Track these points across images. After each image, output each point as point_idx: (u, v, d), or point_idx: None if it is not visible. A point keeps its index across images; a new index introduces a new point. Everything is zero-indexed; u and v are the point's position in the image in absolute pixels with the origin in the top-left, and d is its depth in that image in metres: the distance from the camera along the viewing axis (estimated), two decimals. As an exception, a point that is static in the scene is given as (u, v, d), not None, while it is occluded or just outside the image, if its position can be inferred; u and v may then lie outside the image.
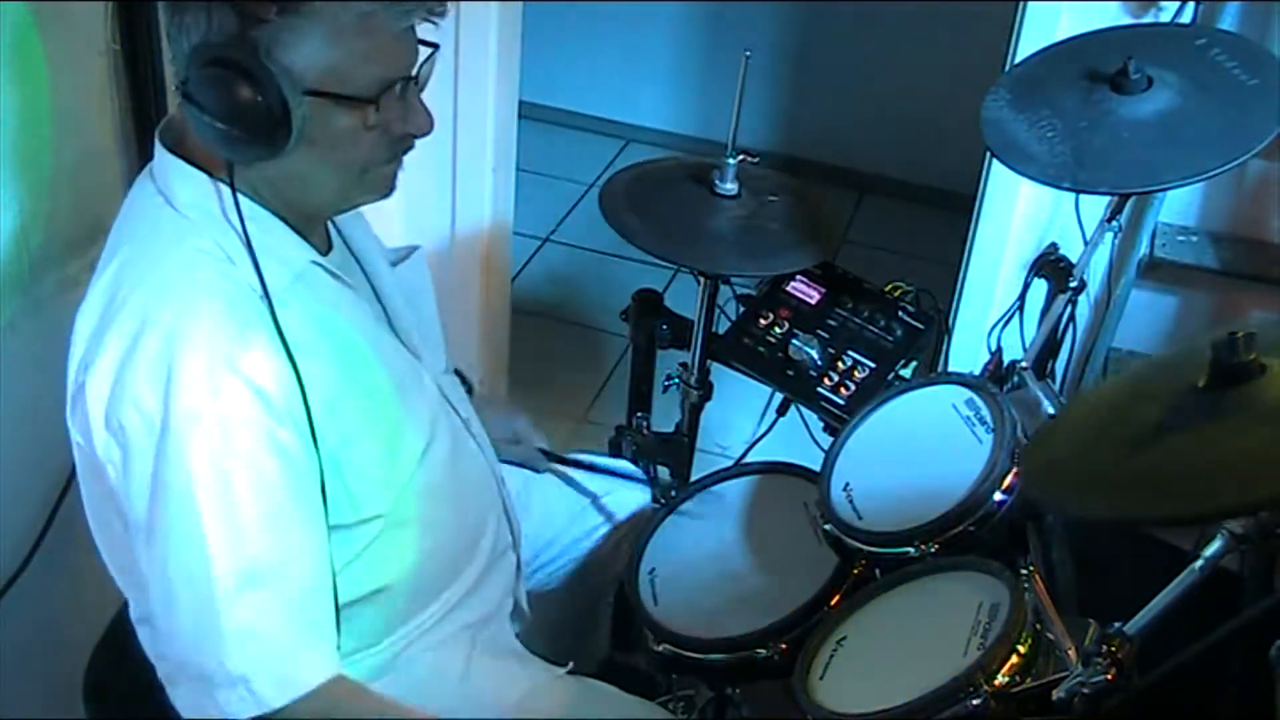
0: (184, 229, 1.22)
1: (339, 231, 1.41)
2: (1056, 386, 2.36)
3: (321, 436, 1.23)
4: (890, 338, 1.97)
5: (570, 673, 1.57)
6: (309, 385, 1.21)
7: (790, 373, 1.96)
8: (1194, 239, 2.43)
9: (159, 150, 1.26)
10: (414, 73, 1.24)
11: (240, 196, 1.22)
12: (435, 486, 1.40)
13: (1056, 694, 1.27)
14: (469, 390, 1.66)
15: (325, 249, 1.36)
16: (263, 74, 1.13)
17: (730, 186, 1.89)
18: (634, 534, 1.89)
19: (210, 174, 1.23)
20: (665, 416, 2.17)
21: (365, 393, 1.31)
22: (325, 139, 1.20)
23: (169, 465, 1.17)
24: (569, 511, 1.81)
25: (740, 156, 1.89)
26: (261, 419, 1.19)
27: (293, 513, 1.22)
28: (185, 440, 1.16)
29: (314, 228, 1.33)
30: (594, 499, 1.85)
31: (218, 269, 1.21)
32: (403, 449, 1.35)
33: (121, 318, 1.19)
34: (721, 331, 2.05)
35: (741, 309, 2.05)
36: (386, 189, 1.31)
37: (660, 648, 1.65)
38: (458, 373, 1.66)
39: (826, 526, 1.63)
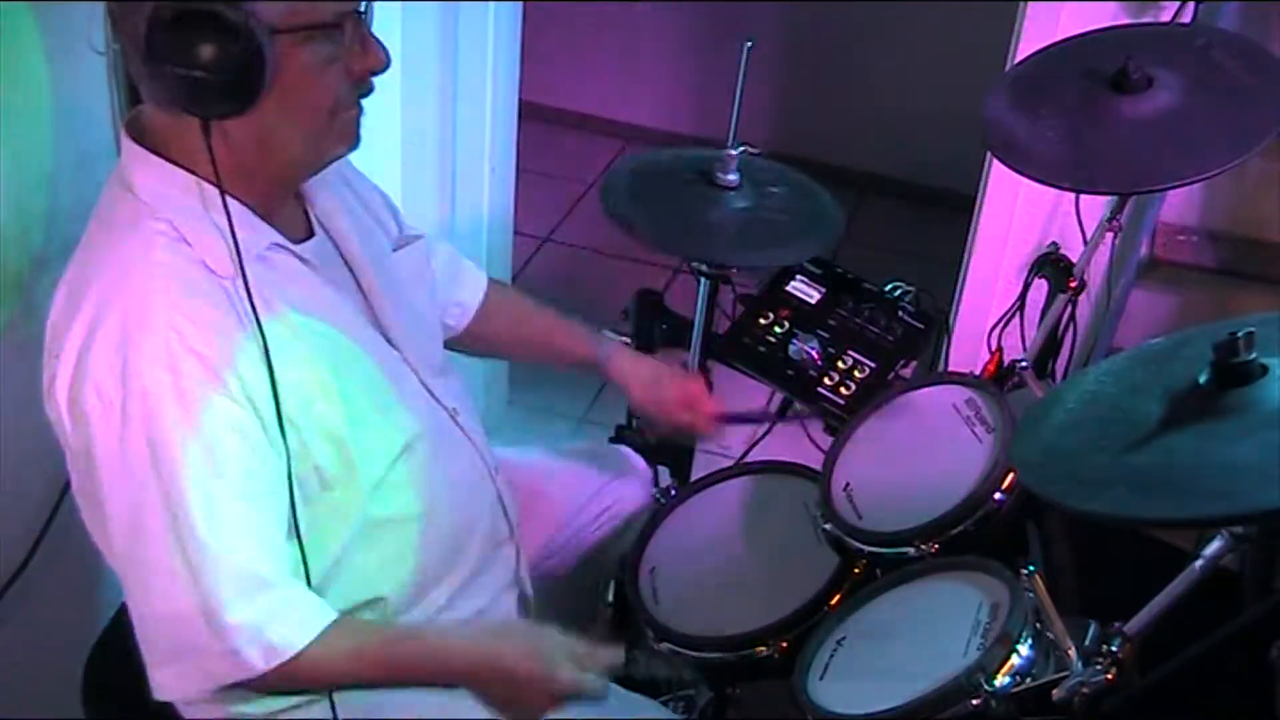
0: (141, 213, 1.23)
1: (319, 222, 1.41)
2: (1056, 386, 2.36)
3: (286, 418, 1.24)
4: (890, 338, 1.96)
5: None
6: (266, 369, 1.21)
7: (790, 373, 1.96)
8: (1194, 239, 2.43)
9: (124, 142, 1.27)
10: (363, 6, 1.25)
11: (198, 180, 1.24)
12: (419, 482, 1.40)
13: (1056, 694, 1.27)
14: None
15: (301, 235, 1.36)
16: (236, 16, 1.13)
17: (732, 178, 1.89)
18: (636, 525, 1.89)
19: (170, 161, 1.24)
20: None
21: (334, 382, 1.30)
22: (292, 82, 1.19)
23: (132, 447, 1.18)
24: (573, 501, 1.81)
25: (741, 147, 1.89)
26: (219, 397, 1.20)
27: (252, 489, 1.23)
28: (146, 420, 1.17)
29: (279, 208, 1.33)
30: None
31: (173, 250, 1.22)
32: (376, 443, 1.35)
33: (83, 305, 1.20)
34: (721, 331, 2.05)
35: (741, 309, 2.05)
36: (353, 138, 1.30)
37: (660, 646, 1.65)
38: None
39: (826, 526, 1.63)
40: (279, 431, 1.23)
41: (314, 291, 1.33)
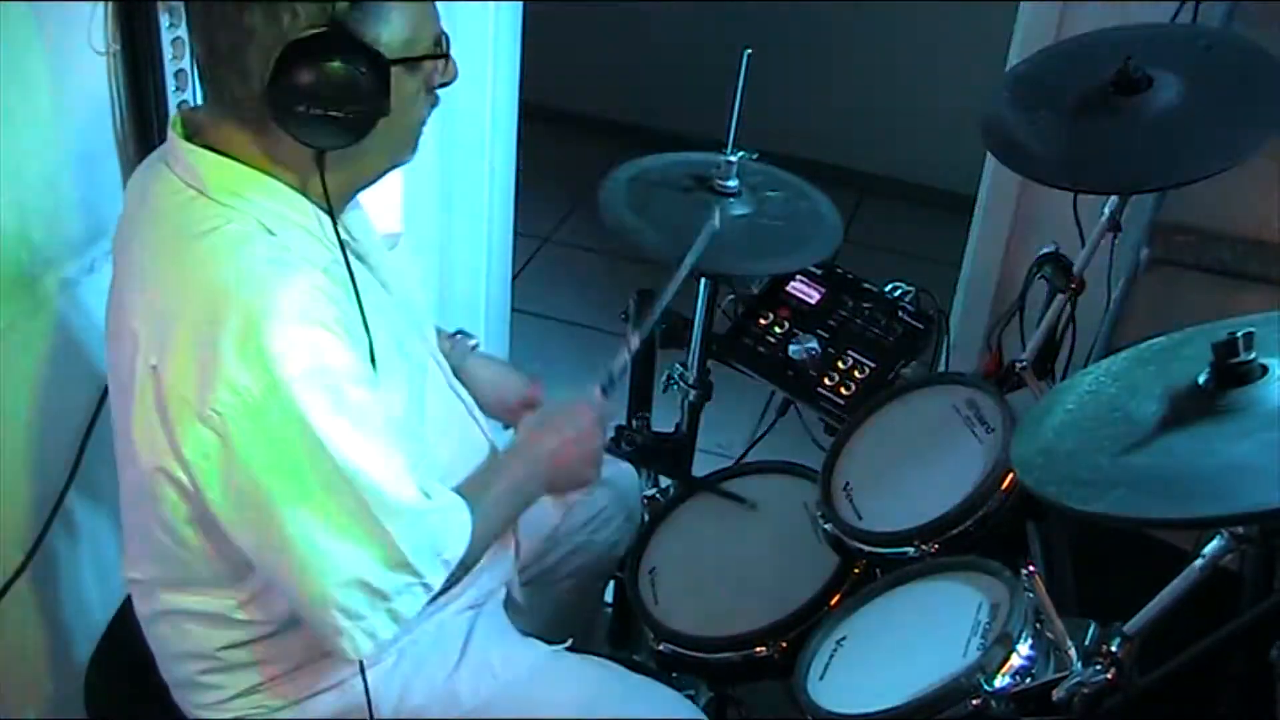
0: (224, 214, 1.23)
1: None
2: (1056, 386, 2.36)
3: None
4: (890, 338, 1.97)
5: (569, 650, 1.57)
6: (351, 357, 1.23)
7: (790, 373, 1.96)
8: (1194, 239, 2.42)
9: (182, 145, 1.26)
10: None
11: (276, 181, 1.25)
12: (441, 471, 1.40)
13: (1056, 694, 1.27)
14: (472, 348, 1.71)
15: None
16: (367, 54, 1.16)
17: (731, 184, 1.89)
18: (631, 527, 1.89)
19: (237, 160, 1.24)
20: (665, 416, 2.17)
21: (388, 373, 1.31)
22: (397, 106, 1.21)
23: (287, 425, 1.17)
24: (565, 501, 1.81)
25: (740, 154, 1.89)
26: (352, 360, 1.21)
27: (388, 432, 1.25)
28: (298, 400, 1.17)
29: (339, 211, 1.34)
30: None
31: (265, 242, 1.23)
32: (415, 429, 1.36)
33: (186, 311, 1.19)
34: (721, 331, 2.05)
35: (741, 309, 2.05)
36: (417, 147, 1.35)
37: (661, 646, 1.65)
38: (463, 332, 1.72)
39: (826, 526, 1.63)
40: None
41: (371, 289, 1.35)
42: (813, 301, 2.01)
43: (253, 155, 1.24)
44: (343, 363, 1.21)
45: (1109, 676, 1.25)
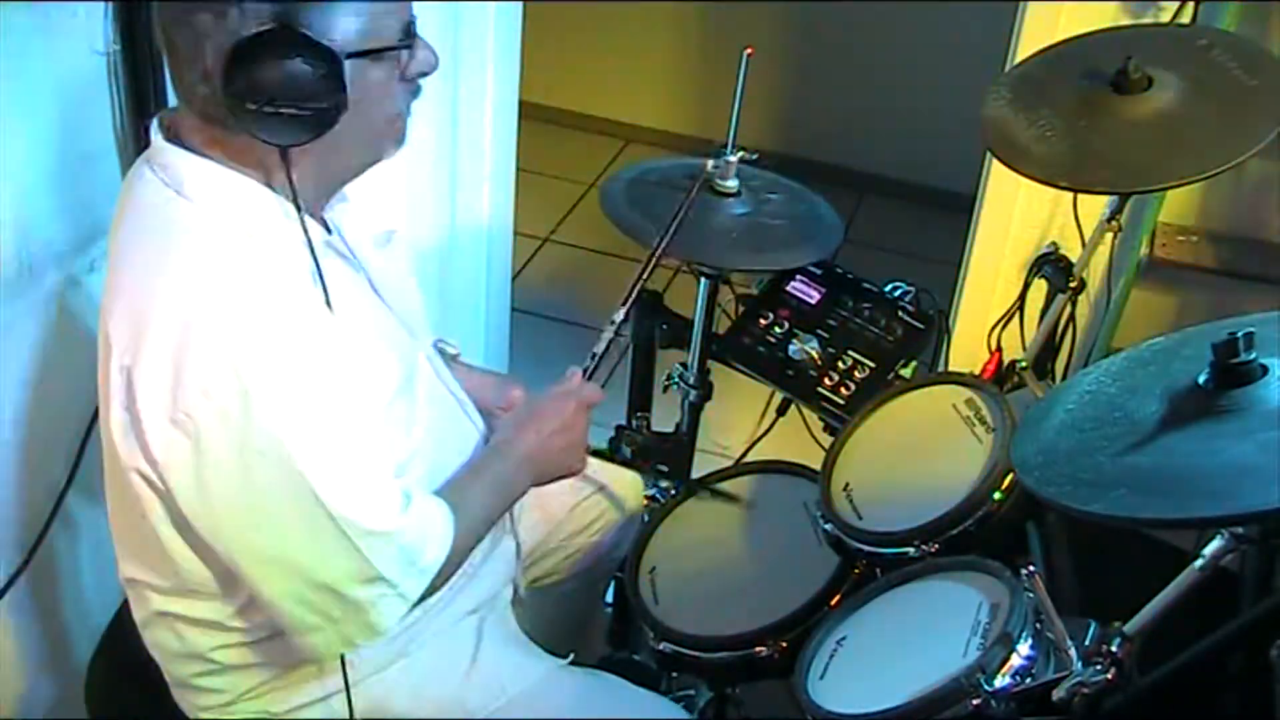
0: (201, 217, 1.23)
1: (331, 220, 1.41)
2: (1056, 386, 2.36)
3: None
4: (890, 338, 1.97)
5: (573, 664, 1.57)
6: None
7: (790, 373, 1.96)
8: (1194, 239, 2.43)
9: (163, 146, 1.26)
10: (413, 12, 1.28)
11: (251, 181, 1.24)
12: (433, 470, 1.40)
13: (1056, 694, 1.27)
14: (452, 357, 1.68)
15: (327, 232, 1.36)
16: (317, 50, 1.15)
17: (731, 184, 1.89)
18: (632, 529, 1.89)
19: (215, 160, 1.24)
20: (665, 416, 2.17)
21: (377, 371, 1.31)
22: (362, 99, 1.21)
23: (258, 434, 1.17)
24: (567, 504, 1.81)
25: (739, 154, 1.89)
26: (330, 366, 1.21)
27: (368, 437, 1.25)
28: (273, 404, 1.17)
29: (319, 211, 1.34)
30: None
31: (241, 246, 1.22)
32: (406, 428, 1.36)
33: (159, 313, 1.19)
34: (721, 331, 2.05)
35: (741, 309, 2.05)
36: (403, 139, 1.33)
37: (661, 646, 1.65)
38: (441, 340, 1.68)
39: (826, 526, 1.63)
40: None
41: (356, 287, 1.35)
42: (813, 301, 2.01)
43: (224, 154, 1.24)
44: (317, 370, 1.20)
45: (1109, 676, 1.25)
